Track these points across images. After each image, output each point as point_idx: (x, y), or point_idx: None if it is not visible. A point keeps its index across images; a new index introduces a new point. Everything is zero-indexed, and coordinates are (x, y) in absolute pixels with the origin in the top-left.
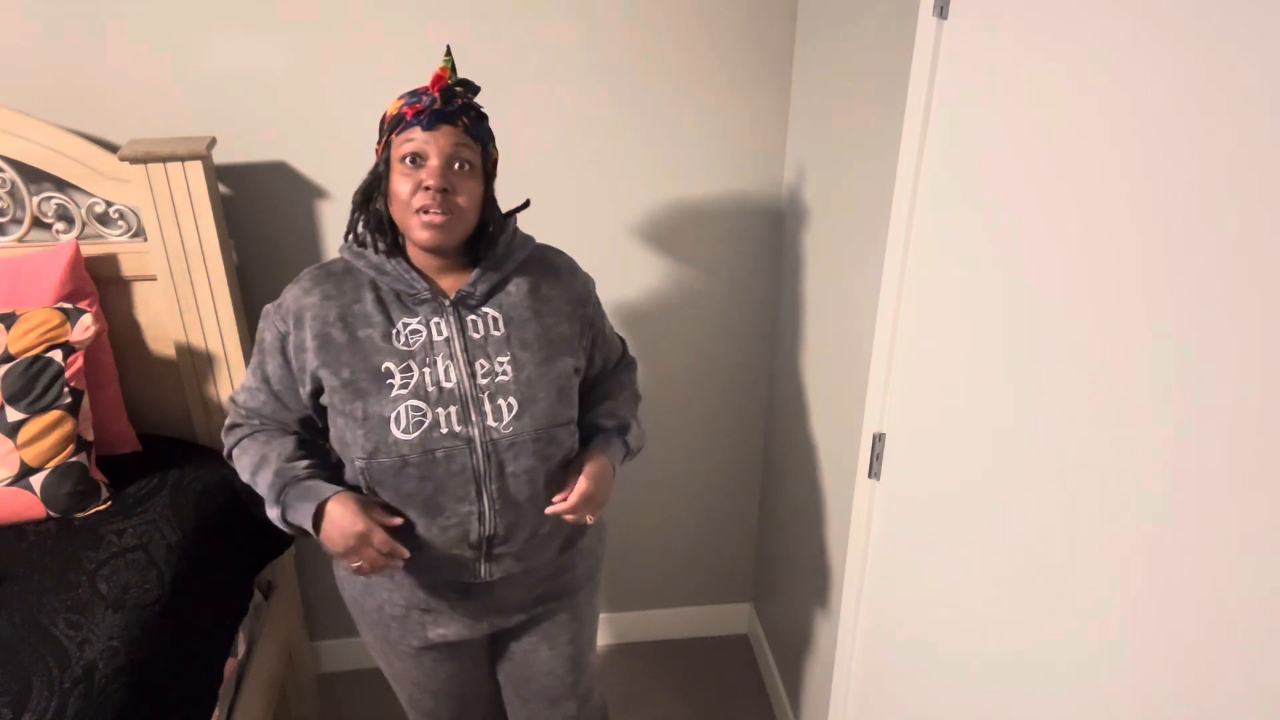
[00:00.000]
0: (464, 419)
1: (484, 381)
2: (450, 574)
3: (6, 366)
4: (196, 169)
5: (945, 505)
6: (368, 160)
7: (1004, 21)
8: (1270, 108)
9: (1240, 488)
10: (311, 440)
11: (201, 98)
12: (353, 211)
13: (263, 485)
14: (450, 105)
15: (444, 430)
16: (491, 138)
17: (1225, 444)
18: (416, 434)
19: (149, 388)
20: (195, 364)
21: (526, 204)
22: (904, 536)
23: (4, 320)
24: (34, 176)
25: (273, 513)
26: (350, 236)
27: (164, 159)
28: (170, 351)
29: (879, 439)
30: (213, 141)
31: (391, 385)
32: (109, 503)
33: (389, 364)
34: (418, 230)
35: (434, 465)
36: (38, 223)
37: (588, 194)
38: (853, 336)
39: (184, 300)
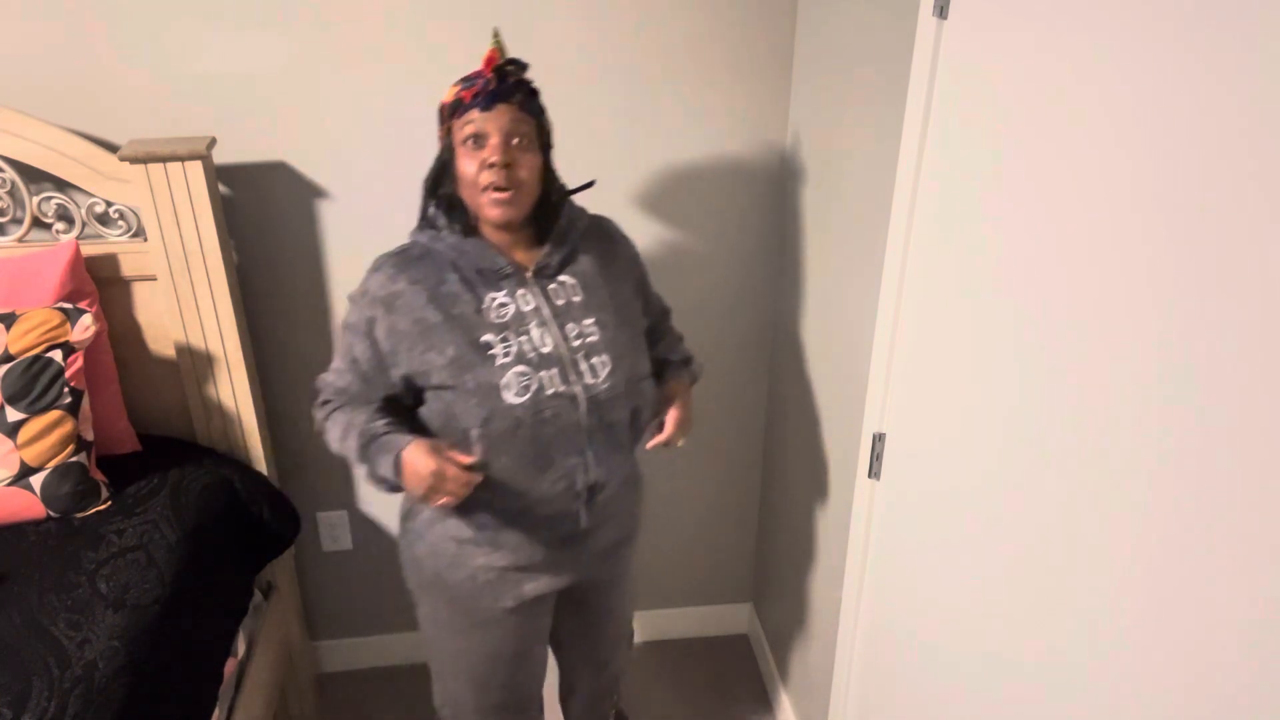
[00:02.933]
0: (565, 379)
1: (577, 343)
2: (552, 528)
3: (6, 366)
4: (196, 169)
5: (945, 505)
6: (368, 159)
7: (1004, 21)
8: (1274, 108)
9: (1240, 487)
10: (393, 410)
11: (201, 98)
12: (424, 197)
13: (351, 449)
14: (504, 84)
15: (549, 392)
16: (544, 111)
17: (1225, 444)
18: (527, 397)
19: (149, 388)
20: (195, 364)
21: (591, 184)
22: (904, 536)
23: (4, 320)
24: (34, 176)
25: (360, 471)
26: (422, 221)
27: (164, 159)
28: (170, 351)
29: (879, 439)
30: (213, 141)
31: (494, 356)
32: (109, 503)
33: (488, 337)
34: (488, 208)
35: (544, 425)
36: (38, 223)
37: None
38: (853, 336)
39: (184, 300)
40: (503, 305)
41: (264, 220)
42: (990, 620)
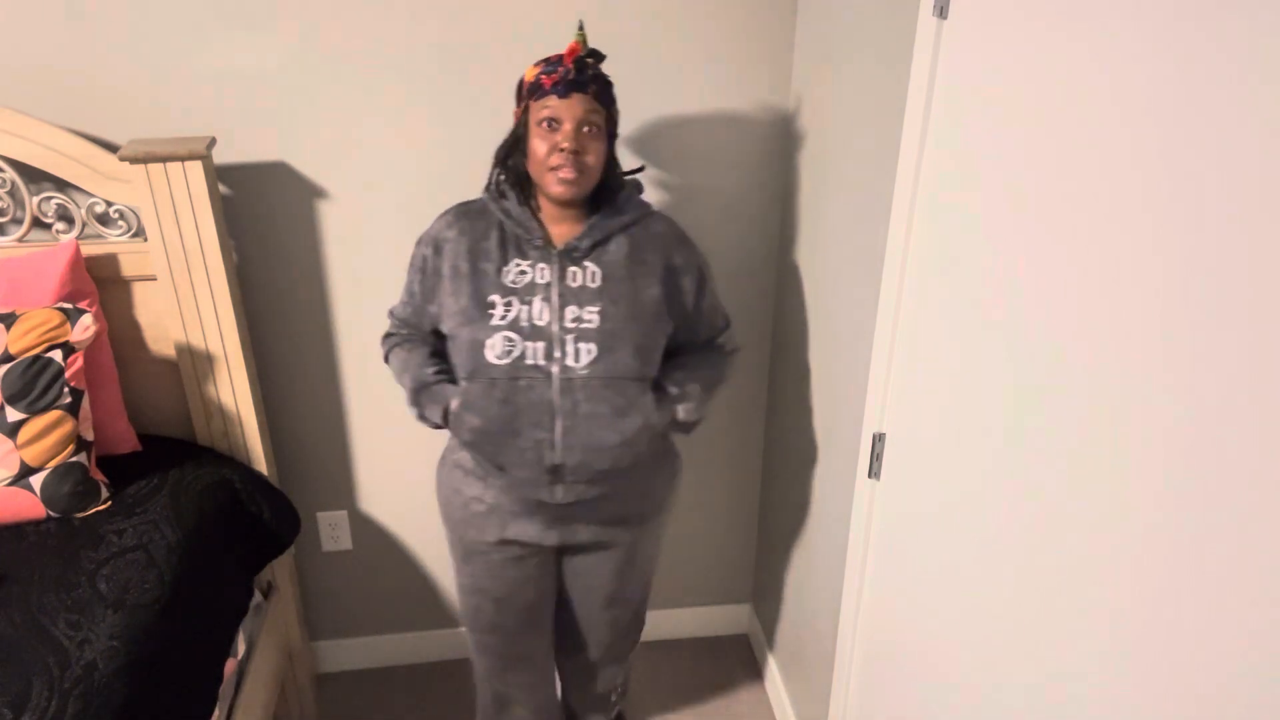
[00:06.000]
0: (548, 355)
1: (570, 325)
2: (528, 490)
3: (6, 366)
4: (196, 169)
5: (945, 505)
6: (368, 159)
7: (1004, 21)
8: (1273, 109)
9: (1239, 485)
10: (442, 350)
11: (201, 98)
12: (494, 166)
13: (405, 388)
14: (582, 75)
15: (529, 362)
16: (615, 101)
17: (1224, 444)
18: (507, 361)
19: (149, 388)
20: (195, 364)
21: (642, 168)
22: (904, 536)
23: (4, 320)
24: (34, 176)
25: (412, 412)
26: (493, 188)
27: (164, 159)
28: (170, 351)
29: (879, 439)
30: (213, 141)
31: (493, 315)
32: (109, 503)
33: (494, 296)
34: (553, 185)
35: (517, 392)
36: (38, 223)
37: None
38: (853, 336)
39: (184, 300)
40: (522, 272)
41: (264, 220)
42: (990, 620)
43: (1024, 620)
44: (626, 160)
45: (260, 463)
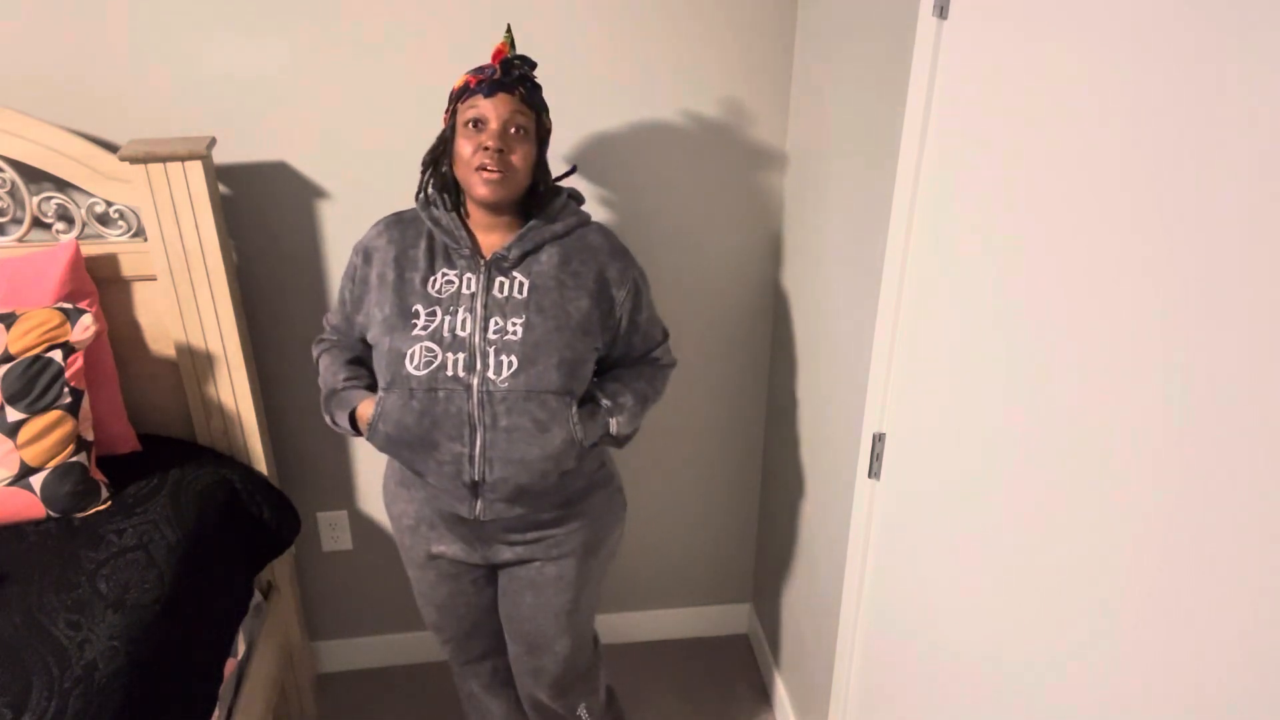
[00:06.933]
0: (469, 367)
1: (493, 337)
2: (447, 505)
3: (6, 366)
4: (196, 169)
5: (945, 505)
6: (368, 159)
7: (1004, 21)
8: (1272, 110)
9: (1236, 483)
10: (366, 359)
11: (201, 98)
12: (422, 172)
13: (321, 395)
14: (509, 76)
15: (449, 373)
16: (545, 107)
17: (1221, 441)
18: (426, 372)
19: (149, 388)
20: (195, 364)
21: (573, 170)
22: (904, 536)
23: (4, 320)
24: (34, 176)
25: (325, 418)
26: (421, 195)
27: (164, 159)
28: (170, 351)
29: (879, 439)
30: (213, 141)
31: (415, 325)
32: (109, 503)
33: (418, 306)
34: (478, 186)
35: (435, 403)
36: (38, 223)
37: (590, 195)
38: (853, 336)
39: (184, 300)
40: (449, 282)
41: (264, 220)
42: (990, 620)
43: (1024, 619)
44: (621, 163)
45: (260, 463)
